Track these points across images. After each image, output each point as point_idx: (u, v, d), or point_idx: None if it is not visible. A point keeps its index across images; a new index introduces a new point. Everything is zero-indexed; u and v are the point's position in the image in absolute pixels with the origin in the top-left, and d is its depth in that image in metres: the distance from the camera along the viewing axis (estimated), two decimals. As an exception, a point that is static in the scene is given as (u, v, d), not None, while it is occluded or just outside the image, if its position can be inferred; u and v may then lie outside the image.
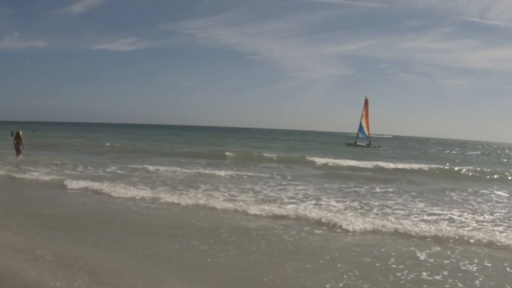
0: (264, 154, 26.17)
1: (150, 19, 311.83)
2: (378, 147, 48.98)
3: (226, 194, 11.40)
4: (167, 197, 10.49)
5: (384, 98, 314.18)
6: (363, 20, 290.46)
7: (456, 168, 22.12)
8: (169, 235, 6.99)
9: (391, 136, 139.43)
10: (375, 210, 9.89)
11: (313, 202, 10.73)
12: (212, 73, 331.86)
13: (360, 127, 48.52)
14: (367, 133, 48.43)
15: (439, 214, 9.69)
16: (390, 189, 13.80)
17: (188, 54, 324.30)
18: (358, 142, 49.04)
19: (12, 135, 44.30)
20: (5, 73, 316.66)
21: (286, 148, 41.36)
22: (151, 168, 17.22)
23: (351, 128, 48.93)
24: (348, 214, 9.05)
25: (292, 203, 10.50)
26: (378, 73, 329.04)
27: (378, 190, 13.59)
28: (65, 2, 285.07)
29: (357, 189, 13.59)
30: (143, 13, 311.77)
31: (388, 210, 9.89)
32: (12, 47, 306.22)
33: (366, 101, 48.43)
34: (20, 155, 21.54)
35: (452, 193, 13.38)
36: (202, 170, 17.25)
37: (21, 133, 22.29)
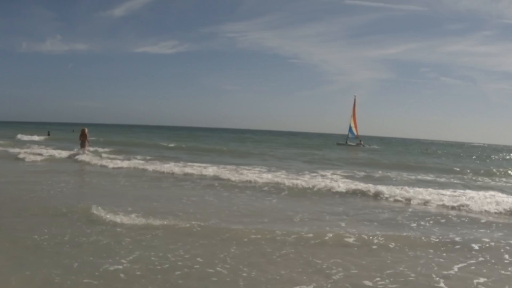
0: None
1: (190, 23, 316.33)
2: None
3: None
4: None
5: (426, 103, 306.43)
6: (403, 24, 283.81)
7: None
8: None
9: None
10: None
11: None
12: (253, 76, 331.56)
13: (350, 127, 48.66)
14: (355, 133, 48.66)
15: None
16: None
17: (229, 57, 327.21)
18: (349, 142, 49.25)
19: (49, 134, 46.53)
20: (48, 75, 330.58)
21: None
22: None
23: (391, 132, 47.80)
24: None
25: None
26: (419, 77, 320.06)
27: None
28: (106, 6, 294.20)
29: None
30: (184, 17, 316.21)
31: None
32: (55, 50, 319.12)
33: (355, 101, 48.61)
34: (86, 153, 20.70)
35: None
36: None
37: (86, 130, 21.49)
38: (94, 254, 5.48)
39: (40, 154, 20.54)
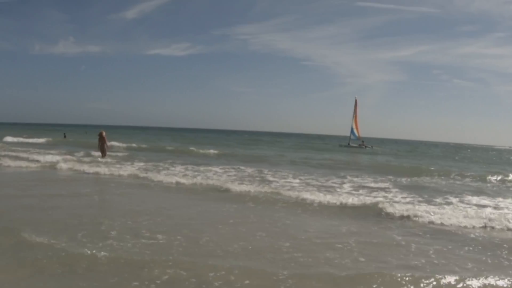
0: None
1: (203, 25, 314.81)
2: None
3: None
4: None
5: (438, 105, 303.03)
6: (415, 26, 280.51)
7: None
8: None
9: None
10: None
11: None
12: (265, 78, 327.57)
13: (351, 129, 48.46)
14: (357, 134, 48.53)
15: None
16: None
17: (241, 59, 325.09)
18: (352, 144, 48.95)
19: (65, 136, 46.43)
20: (61, 77, 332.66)
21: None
22: None
23: (403, 134, 47.44)
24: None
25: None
26: (431, 79, 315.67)
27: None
28: (119, 8, 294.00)
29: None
30: (196, 19, 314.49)
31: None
32: (67, 52, 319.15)
33: (356, 103, 48.27)
34: (105, 156, 20.32)
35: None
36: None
37: (104, 133, 20.74)
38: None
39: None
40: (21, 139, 38.19)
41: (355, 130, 48.61)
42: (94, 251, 5.56)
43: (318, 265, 5.50)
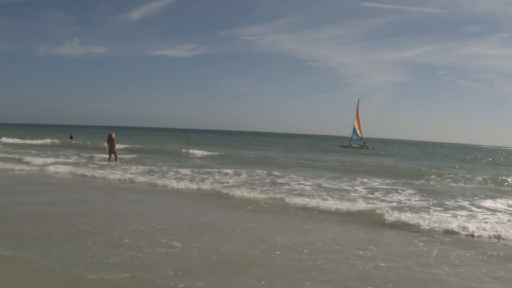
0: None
1: (208, 26, 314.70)
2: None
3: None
4: None
5: (444, 105, 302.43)
6: (420, 26, 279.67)
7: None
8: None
9: None
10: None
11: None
12: (270, 79, 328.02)
13: (354, 129, 48.51)
14: (360, 134, 48.50)
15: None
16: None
17: (246, 60, 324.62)
18: (353, 144, 48.94)
19: (71, 137, 46.49)
20: (66, 78, 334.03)
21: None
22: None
23: (408, 135, 47.45)
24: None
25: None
26: (437, 79, 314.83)
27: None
28: (124, 9, 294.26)
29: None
30: (201, 20, 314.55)
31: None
32: (72, 53, 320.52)
33: (358, 103, 48.81)
34: (114, 159, 20.14)
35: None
36: None
37: (113, 135, 20.54)
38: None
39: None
40: (19, 141, 37.12)
41: (357, 131, 48.67)
42: (104, 261, 5.44)
43: (340, 273, 5.32)
